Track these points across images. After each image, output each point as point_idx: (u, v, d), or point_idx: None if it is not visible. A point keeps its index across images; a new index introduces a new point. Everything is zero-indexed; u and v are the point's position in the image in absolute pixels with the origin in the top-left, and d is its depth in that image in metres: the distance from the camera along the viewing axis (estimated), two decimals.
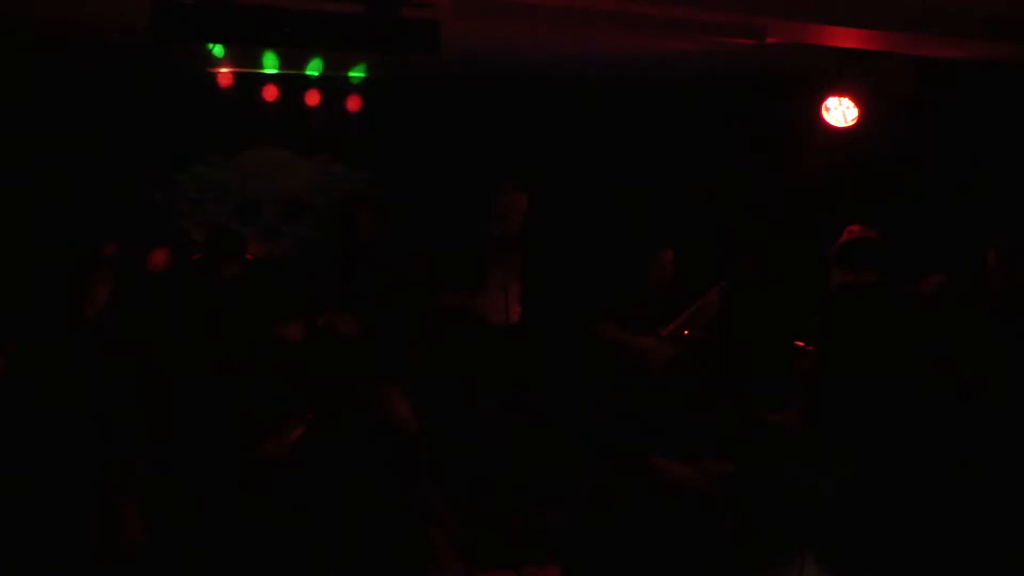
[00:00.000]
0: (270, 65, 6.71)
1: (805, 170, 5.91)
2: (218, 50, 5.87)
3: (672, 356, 5.64)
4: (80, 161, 6.64)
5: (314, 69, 6.88)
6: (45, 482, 1.37)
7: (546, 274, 6.38)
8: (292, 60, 6.59)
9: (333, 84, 7.03)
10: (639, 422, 5.48)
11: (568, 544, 1.32)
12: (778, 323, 6.36)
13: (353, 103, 7.07)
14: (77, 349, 1.41)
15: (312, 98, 6.97)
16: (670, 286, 5.68)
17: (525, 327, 5.79)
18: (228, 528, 2.93)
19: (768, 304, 6.31)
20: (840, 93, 5.31)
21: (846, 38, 4.58)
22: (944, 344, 2.98)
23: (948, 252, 4.72)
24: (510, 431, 5.52)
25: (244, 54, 6.23)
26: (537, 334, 6.28)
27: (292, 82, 6.94)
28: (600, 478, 1.35)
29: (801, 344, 4.63)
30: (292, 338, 5.52)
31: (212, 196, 7.06)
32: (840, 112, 5.36)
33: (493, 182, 5.59)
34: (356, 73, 7.03)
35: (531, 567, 4.72)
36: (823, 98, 5.38)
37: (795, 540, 1.77)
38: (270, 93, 6.88)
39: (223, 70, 6.75)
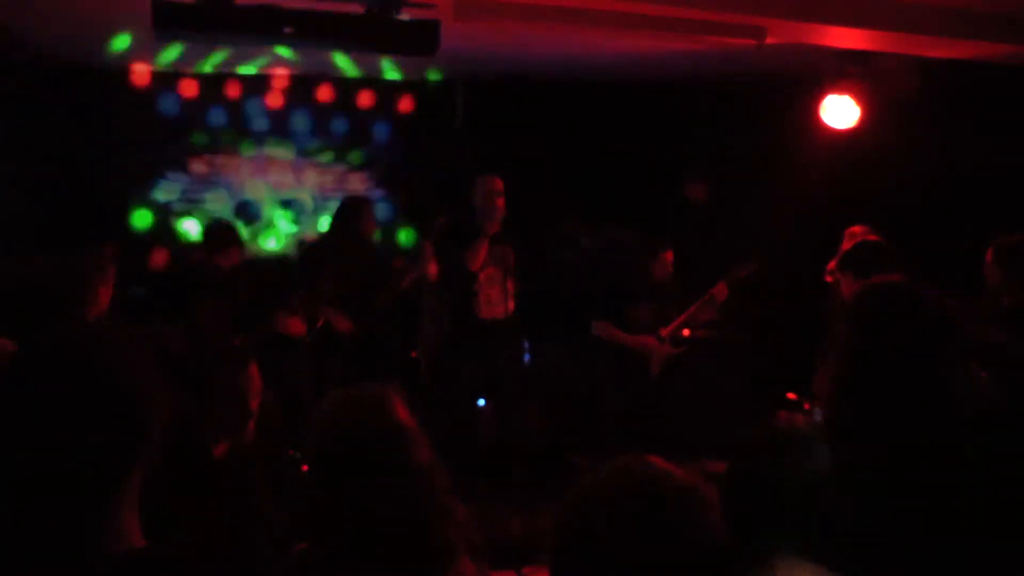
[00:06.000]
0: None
1: (805, 171, 5.91)
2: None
3: (672, 356, 5.64)
4: (79, 161, 6.64)
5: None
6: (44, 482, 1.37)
7: (542, 272, 6.37)
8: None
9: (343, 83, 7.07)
10: (638, 422, 5.48)
11: (559, 542, 1.31)
12: (777, 323, 6.38)
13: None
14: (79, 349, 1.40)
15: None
16: (670, 286, 5.67)
17: (521, 323, 5.78)
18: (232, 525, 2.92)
19: (768, 304, 6.32)
20: (840, 93, 5.31)
21: (846, 38, 4.58)
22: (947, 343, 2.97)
23: (948, 252, 4.73)
24: (506, 429, 5.51)
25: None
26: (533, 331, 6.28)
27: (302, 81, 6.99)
28: (596, 476, 1.34)
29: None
30: (295, 333, 5.54)
31: (212, 196, 7.05)
32: (840, 112, 5.36)
33: (479, 177, 5.58)
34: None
35: (531, 567, 4.72)
36: (823, 98, 5.37)
37: (783, 538, 1.76)
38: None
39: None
